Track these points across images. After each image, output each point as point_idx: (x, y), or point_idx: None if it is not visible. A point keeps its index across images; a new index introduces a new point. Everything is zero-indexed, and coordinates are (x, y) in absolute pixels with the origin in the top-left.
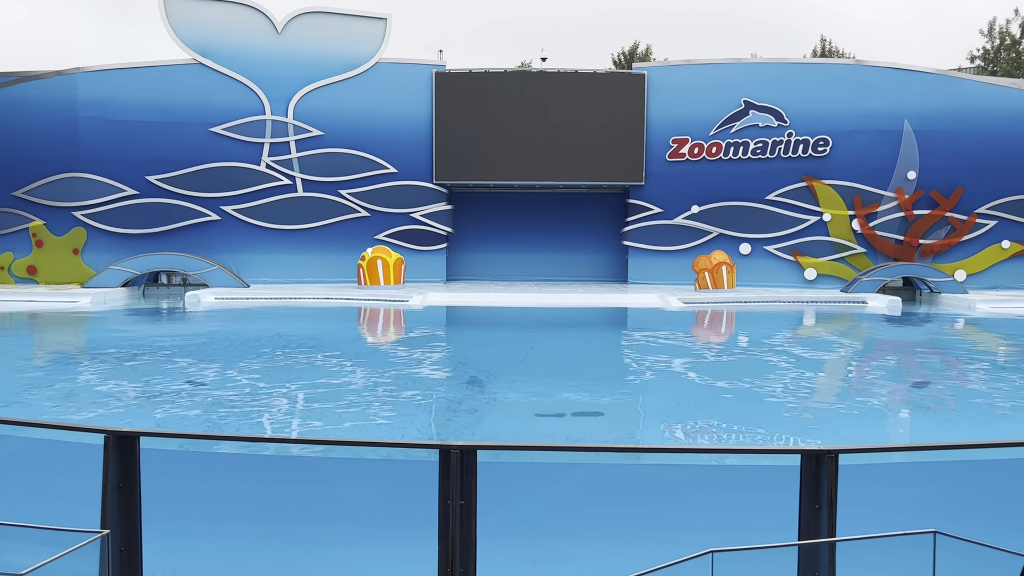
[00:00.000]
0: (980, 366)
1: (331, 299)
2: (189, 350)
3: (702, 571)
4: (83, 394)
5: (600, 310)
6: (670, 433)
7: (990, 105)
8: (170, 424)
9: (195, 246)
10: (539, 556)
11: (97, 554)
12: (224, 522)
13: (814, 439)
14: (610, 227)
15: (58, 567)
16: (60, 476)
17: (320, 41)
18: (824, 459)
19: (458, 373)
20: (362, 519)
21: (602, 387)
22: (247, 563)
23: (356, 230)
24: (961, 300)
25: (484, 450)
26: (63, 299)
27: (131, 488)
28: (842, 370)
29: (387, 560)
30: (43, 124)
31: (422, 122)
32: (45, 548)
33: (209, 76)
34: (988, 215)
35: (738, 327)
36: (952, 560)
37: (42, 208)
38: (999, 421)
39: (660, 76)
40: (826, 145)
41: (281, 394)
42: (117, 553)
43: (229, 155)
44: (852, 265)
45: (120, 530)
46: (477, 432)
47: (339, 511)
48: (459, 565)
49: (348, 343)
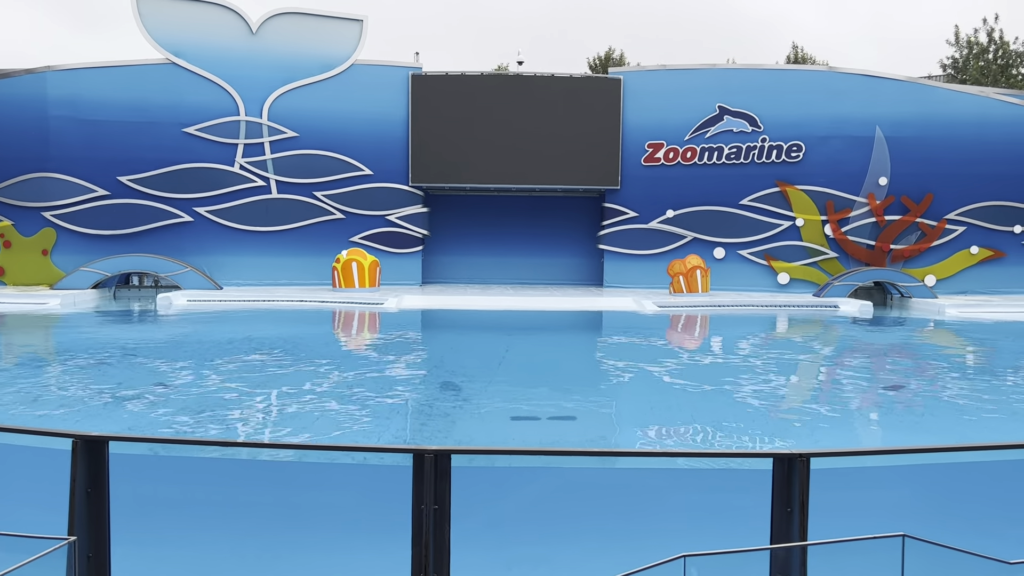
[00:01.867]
0: (949, 370)
1: (305, 302)
2: (160, 353)
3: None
4: (51, 398)
5: (575, 313)
6: (644, 436)
7: (960, 112)
8: (140, 428)
9: (167, 248)
10: (513, 560)
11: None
12: (195, 528)
13: (786, 442)
14: (586, 231)
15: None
16: (26, 481)
17: (295, 42)
18: (796, 462)
19: (433, 376)
20: (336, 524)
21: (576, 391)
22: (218, 570)
23: (331, 232)
24: (931, 304)
25: (458, 454)
26: (31, 301)
27: (99, 493)
28: (814, 374)
29: (361, 565)
30: (12, 123)
31: (398, 124)
32: (11, 555)
33: (182, 76)
34: (957, 221)
35: (712, 331)
36: (920, 563)
37: (10, 208)
38: (967, 424)
39: (636, 81)
40: (799, 151)
41: (254, 398)
42: (85, 560)
43: (202, 156)
44: (824, 270)
45: (88, 536)
46: (451, 436)
47: (312, 516)
48: (433, 570)
49: (322, 346)
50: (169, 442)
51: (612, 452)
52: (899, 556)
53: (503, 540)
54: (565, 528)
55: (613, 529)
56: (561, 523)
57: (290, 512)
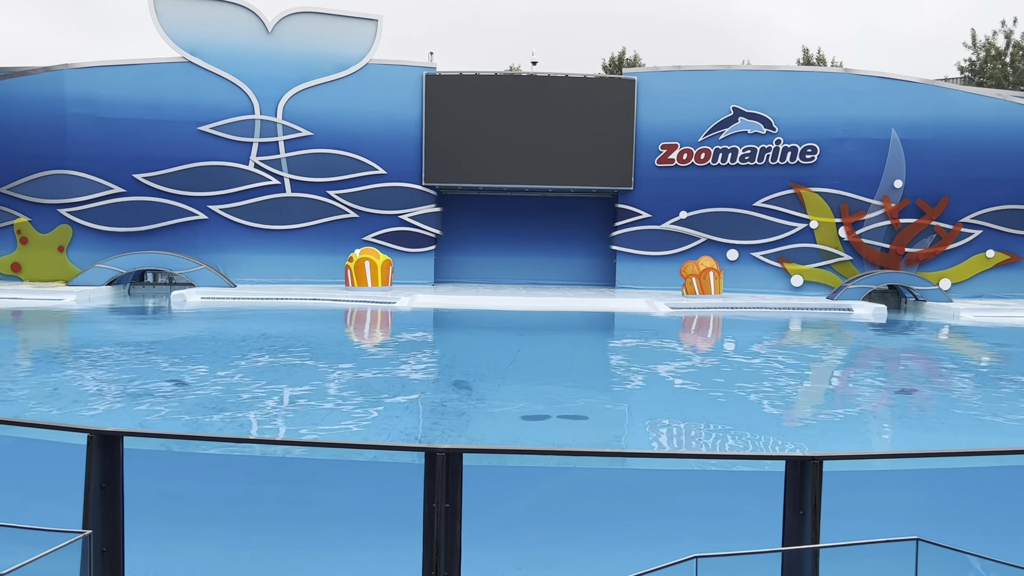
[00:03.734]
0: (963, 374)
1: (318, 300)
2: (174, 350)
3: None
4: (66, 393)
5: (587, 314)
6: (656, 438)
7: (976, 115)
8: (154, 424)
9: (182, 245)
10: (524, 560)
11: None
12: (208, 523)
13: (799, 445)
14: (598, 232)
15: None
16: (42, 475)
17: (310, 41)
18: (808, 465)
19: (445, 376)
20: (347, 521)
21: (588, 391)
22: (230, 564)
23: (344, 231)
24: (945, 308)
25: (470, 453)
26: (47, 297)
27: (114, 488)
28: (827, 377)
29: (372, 562)
30: (30, 120)
31: (412, 124)
32: (26, 548)
33: (198, 75)
34: (973, 224)
35: (724, 333)
36: (934, 568)
37: (28, 205)
38: (981, 429)
39: (650, 82)
40: (814, 153)
41: (266, 395)
42: (99, 553)
43: (217, 154)
44: (838, 272)
45: (102, 530)
46: (463, 435)
47: (324, 513)
48: (443, 568)
49: (335, 344)
50: (183, 438)
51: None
52: (912, 560)
53: (514, 539)
54: (576, 528)
55: (624, 530)
56: (572, 523)
57: (302, 509)
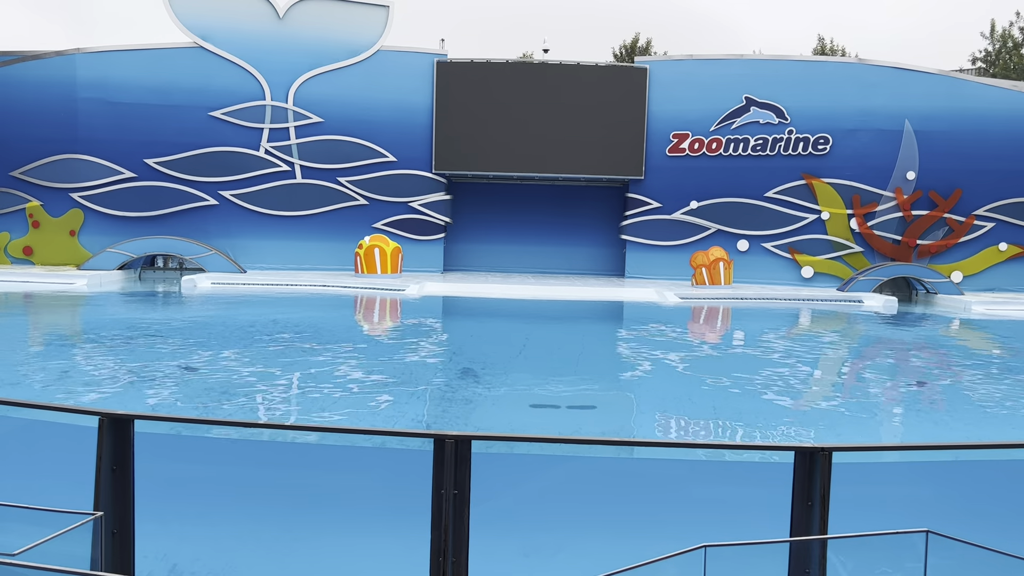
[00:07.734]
0: (974, 368)
1: (328, 286)
2: (185, 334)
3: (695, 565)
4: (78, 376)
5: (597, 303)
6: (664, 427)
7: (991, 107)
8: (165, 407)
9: (192, 230)
10: (531, 547)
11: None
12: (217, 507)
13: (808, 436)
14: (608, 221)
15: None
16: (54, 457)
17: (322, 27)
18: (818, 456)
19: (454, 363)
20: (356, 506)
21: (597, 380)
22: (239, 548)
23: (354, 218)
24: (957, 301)
25: (479, 440)
26: (59, 280)
27: (125, 471)
28: (836, 368)
29: (380, 548)
30: (42, 104)
31: (422, 111)
32: (38, 529)
33: (209, 60)
34: (986, 217)
35: (734, 323)
36: (944, 560)
37: (40, 189)
38: (992, 422)
39: (662, 70)
40: (826, 143)
41: (276, 380)
42: (110, 535)
43: (228, 140)
44: (849, 264)
45: (113, 512)
46: (472, 422)
47: (333, 498)
48: (451, 554)
49: (344, 331)
50: (193, 422)
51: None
52: (922, 552)
53: (521, 527)
54: (583, 517)
55: (632, 519)
56: (580, 511)
57: (310, 494)
